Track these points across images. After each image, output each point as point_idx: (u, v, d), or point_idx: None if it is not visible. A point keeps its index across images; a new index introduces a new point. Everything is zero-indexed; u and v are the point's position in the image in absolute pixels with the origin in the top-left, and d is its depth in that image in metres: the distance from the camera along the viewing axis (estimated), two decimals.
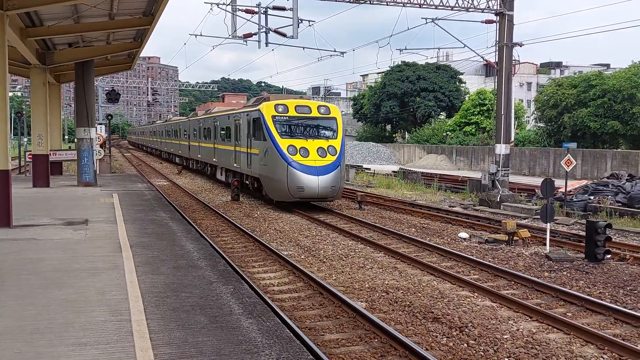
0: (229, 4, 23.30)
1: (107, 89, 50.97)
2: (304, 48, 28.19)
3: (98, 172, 28.57)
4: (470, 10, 25.06)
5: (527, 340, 8.97)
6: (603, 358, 8.31)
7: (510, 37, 25.06)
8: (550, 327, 9.54)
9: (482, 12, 25.32)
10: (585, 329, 9.24)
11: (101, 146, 33.71)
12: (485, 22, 25.52)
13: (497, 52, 25.23)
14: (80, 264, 10.46)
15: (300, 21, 22.99)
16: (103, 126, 42.31)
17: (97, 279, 9.38)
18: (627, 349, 8.43)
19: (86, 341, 6.61)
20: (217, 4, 23.16)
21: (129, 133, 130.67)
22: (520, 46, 25.45)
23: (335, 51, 29.06)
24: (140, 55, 29.04)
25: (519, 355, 8.40)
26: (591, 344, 8.80)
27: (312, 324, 9.66)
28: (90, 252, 11.44)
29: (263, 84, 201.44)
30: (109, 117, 42.51)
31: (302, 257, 14.84)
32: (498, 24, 25.15)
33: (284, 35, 23.62)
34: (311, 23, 24.53)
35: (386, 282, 12.31)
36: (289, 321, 9.09)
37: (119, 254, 11.31)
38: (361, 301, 10.97)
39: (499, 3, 24.88)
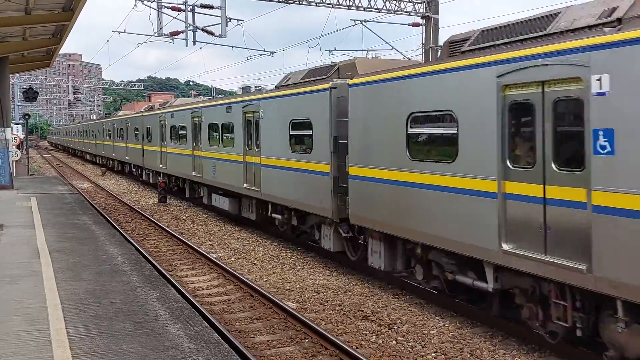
0: (154, 1, 22.71)
1: (24, 87, 48.66)
2: (232, 47, 27.82)
3: (15, 175, 27.24)
4: (397, 13, 25.52)
5: (452, 335, 9.19)
6: (524, 349, 8.62)
7: (436, 39, 25.69)
8: (474, 322, 9.81)
9: (409, 15, 25.85)
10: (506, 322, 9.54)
11: (18, 147, 32.14)
12: (412, 25, 26.05)
13: (423, 55, 25.81)
14: None
15: (228, 20, 22.67)
16: (20, 126, 40.41)
17: (13, 287, 8.91)
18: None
19: (1, 353, 6.26)
20: (142, 1, 22.52)
21: (50, 133, 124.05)
22: None
23: (264, 51, 28.89)
24: (60, 52, 27.92)
25: (445, 349, 8.59)
26: (512, 337, 9.10)
27: (243, 327, 9.54)
28: (5, 259, 10.87)
29: (191, 83, 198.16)
30: (26, 117, 40.67)
31: (233, 259, 14.65)
32: (424, 27, 25.74)
33: (212, 33, 23.25)
34: (240, 22, 24.27)
35: (317, 282, 12.32)
36: (217, 325, 8.94)
37: (37, 260, 10.80)
38: (292, 302, 10.93)
39: (425, 7, 25.47)
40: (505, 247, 8.14)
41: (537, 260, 7.63)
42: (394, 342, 8.92)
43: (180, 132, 24.15)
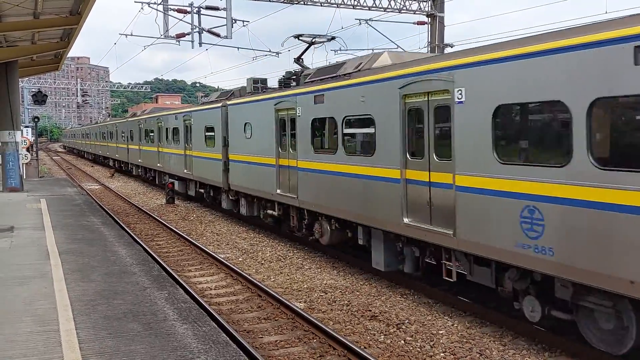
0: (160, 4, 22.82)
1: (33, 90, 48.97)
2: (238, 48, 27.88)
3: (25, 177, 27.45)
4: (402, 11, 25.50)
5: (461, 335, 9.17)
6: (534, 348, 8.59)
7: (442, 38, 25.65)
8: (483, 321, 9.79)
9: (414, 13, 25.83)
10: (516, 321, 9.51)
11: (27, 150, 32.36)
12: (417, 24, 26.01)
13: (429, 53, 25.75)
14: (5, 272, 10.00)
15: (234, 21, 22.76)
16: (29, 129, 40.70)
17: (24, 288, 8.98)
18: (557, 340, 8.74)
19: (12, 354, 6.30)
20: (148, 4, 22.62)
21: (66, 136, 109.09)
22: (451, 47, 26.08)
23: (270, 51, 28.92)
24: (69, 56, 28.09)
25: (454, 349, 8.57)
26: (522, 336, 9.07)
27: (250, 327, 9.56)
28: (16, 261, 10.94)
29: (198, 84, 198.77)
30: (36, 120, 40.93)
31: (240, 259, 14.69)
32: (430, 25, 25.69)
33: (217, 35, 23.32)
34: (245, 23, 24.34)
35: (325, 282, 12.33)
36: (225, 325, 8.97)
37: (47, 261, 10.87)
38: (300, 302, 10.95)
39: (430, 5, 25.43)
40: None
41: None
42: (403, 342, 8.92)
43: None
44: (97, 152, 56.50)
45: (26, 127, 40.97)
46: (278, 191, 15.47)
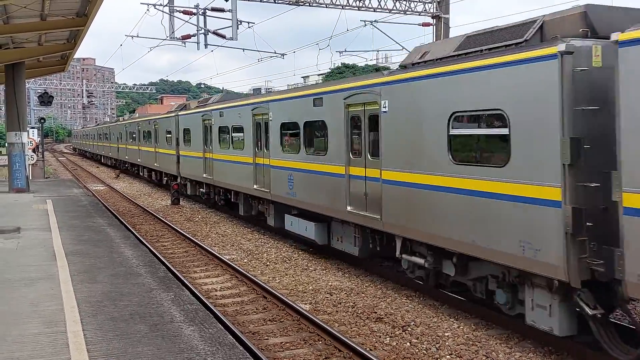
0: (166, 5, 22.90)
1: (39, 91, 49.16)
2: (243, 50, 28.03)
3: (31, 178, 27.56)
4: (407, 13, 25.49)
5: (467, 337, 9.17)
6: (541, 351, 8.58)
7: None
8: (489, 323, 9.78)
9: (419, 15, 25.81)
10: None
11: (34, 151, 32.49)
12: (423, 25, 26.01)
13: None
14: (12, 274, 10.04)
15: (239, 22, 22.82)
16: (35, 130, 40.85)
17: (31, 290, 9.02)
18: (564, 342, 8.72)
19: (19, 355, 6.33)
20: (154, 5, 22.72)
21: (75, 136, 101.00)
22: None
23: (275, 53, 29.01)
24: (75, 57, 28.20)
25: (460, 352, 8.57)
26: (529, 339, 9.06)
27: (256, 329, 9.58)
28: (23, 262, 10.99)
29: (203, 85, 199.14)
30: (42, 121, 41.08)
31: (245, 260, 14.71)
32: (435, 27, 25.67)
33: (223, 36, 23.39)
34: (251, 25, 24.39)
35: (330, 284, 12.34)
36: (231, 327, 9.00)
37: (54, 262, 10.91)
38: (305, 303, 10.96)
39: (435, 6, 25.41)
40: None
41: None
42: (408, 344, 8.92)
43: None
44: (123, 158, 43.02)
45: (32, 128, 41.12)
46: None
